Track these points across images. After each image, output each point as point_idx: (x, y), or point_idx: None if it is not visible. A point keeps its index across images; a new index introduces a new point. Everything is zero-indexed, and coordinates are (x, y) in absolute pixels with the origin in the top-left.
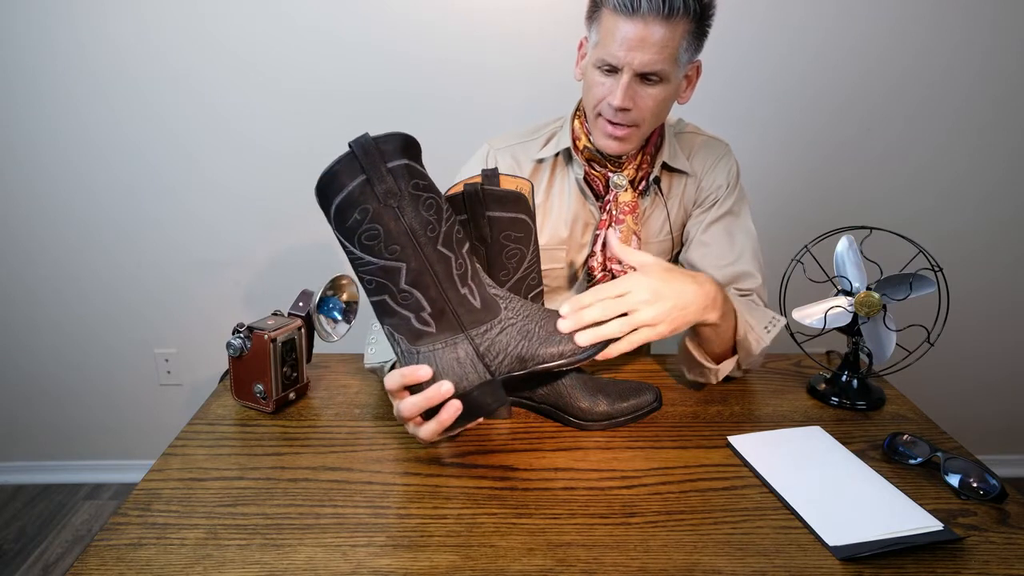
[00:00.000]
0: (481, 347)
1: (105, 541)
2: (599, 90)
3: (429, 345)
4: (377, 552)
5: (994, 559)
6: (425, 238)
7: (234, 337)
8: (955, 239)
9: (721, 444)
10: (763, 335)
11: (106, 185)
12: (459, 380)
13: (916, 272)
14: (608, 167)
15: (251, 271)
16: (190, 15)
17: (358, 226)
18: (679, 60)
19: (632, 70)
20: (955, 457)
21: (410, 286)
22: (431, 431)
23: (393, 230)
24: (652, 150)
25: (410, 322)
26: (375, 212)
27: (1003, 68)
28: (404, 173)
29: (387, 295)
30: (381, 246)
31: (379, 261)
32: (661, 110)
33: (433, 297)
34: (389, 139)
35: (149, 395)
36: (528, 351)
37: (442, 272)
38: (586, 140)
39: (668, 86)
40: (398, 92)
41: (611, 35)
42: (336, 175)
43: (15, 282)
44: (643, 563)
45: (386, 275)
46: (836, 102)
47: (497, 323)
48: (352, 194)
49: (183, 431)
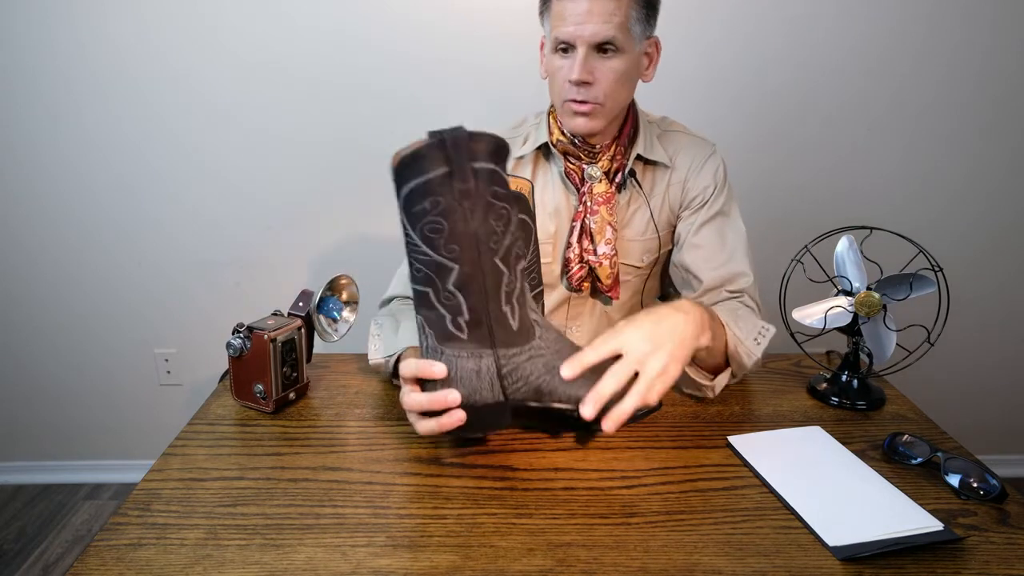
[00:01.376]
0: (504, 368)
1: (105, 541)
2: (560, 73)
3: (455, 350)
4: (377, 552)
5: (994, 559)
6: (487, 248)
7: (234, 337)
8: (955, 239)
9: (721, 444)
10: (753, 348)
11: (106, 185)
12: (471, 392)
13: (916, 272)
14: (583, 159)
15: (251, 271)
16: (190, 14)
17: (424, 215)
18: (631, 31)
19: (585, 42)
20: (955, 457)
21: (456, 288)
22: (428, 428)
23: (459, 230)
24: (625, 141)
25: (445, 322)
26: (446, 207)
27: (1004, 68)
28: (487, 177)
29: (432, 289)
30: (441, 241)
31: (435, 255)
32: (622, 84)
33: (474, 306)
34: (483, 139)
35: (149, 395)
36: (548, 386)
37: (491, 285)
38: (559, 134)
39: (625, 58)
40: (399, 92)
41: (561, 16)
42: (419, 159)
43: (15, 282)
44: (643, 563)
45: (437, 270)
46: (836, 102)
47: (527, 349)
48: (430, 183)
49: (183, 431)
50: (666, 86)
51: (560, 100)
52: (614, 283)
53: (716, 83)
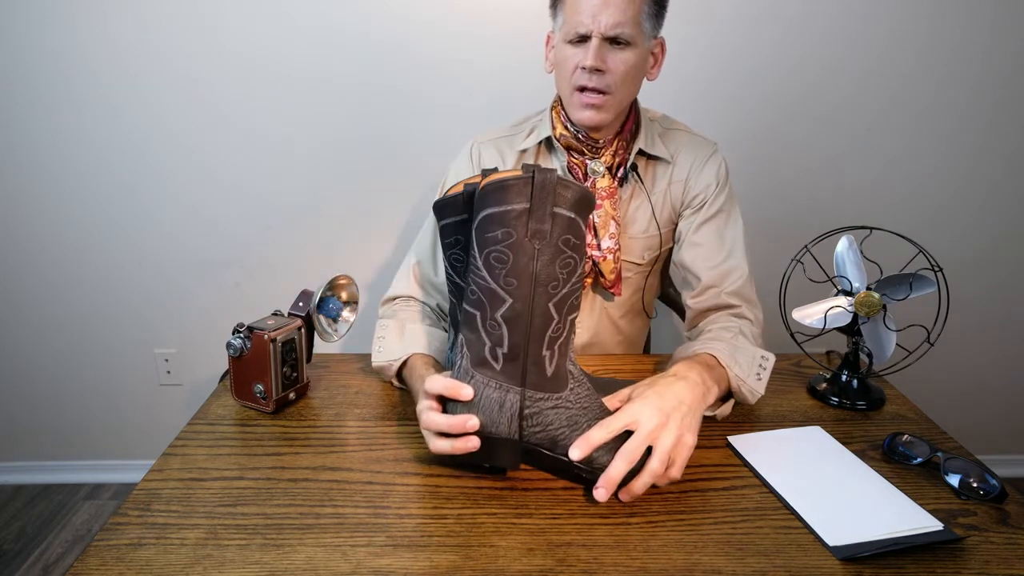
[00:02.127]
0: (527, 409)
1: (105, 541)
2: (572, 61)
3: (486, 377)
4: (377, 552)
5: (994, 559)
6: (544, 291)
7: (234, 337)
8: (955, 239)
9: (721, 444)
10: (755, 385)
11: (106, 185)
12: (489, 423)
13: (916, 272)
14: (586, 154)
15: (251, 271)
16: (190, 14)
17: (494, 243)
18: (643, 27)
19: (600, 33)
20: (955, 457)
21: (503, 320)
22: (441, 449)
23: (521, 267)
24: (628, 136)
25: (483, 348)
26: (516, 242)
27: (1005, 68)
28: (564, 224)
29: (480, 313)
30: (502, 272)
31: (492, 284)
32: (631, 77)
33: (516, 343)
34: (570, 187)
35: (149, 395)
36: (565, 440)
37: (538, 327)
38: (562, 128)
39: (636, 52)
40: (400, 92)
41: (576, 8)
42: (505, 189)
43: (15, 282)
44: (643, 563)
45: (490, 297)
46: (836, 102)
47: (555, 398)
48: (508, 214)
49: (183, 431)
50: (667, 85)
51: (569, 90)
52: (617, 278)
53: (716, 83)
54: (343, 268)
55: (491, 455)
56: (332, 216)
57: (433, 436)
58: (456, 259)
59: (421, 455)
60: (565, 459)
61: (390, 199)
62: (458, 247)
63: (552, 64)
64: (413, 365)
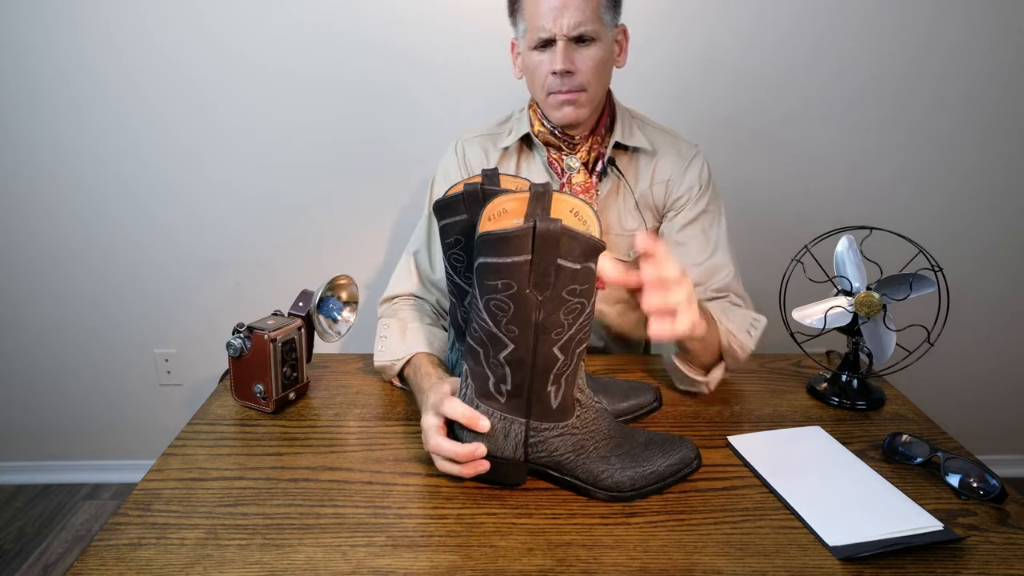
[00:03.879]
0: (532, 439)
1: (105, 541)
2: (542, 68)
3: (489, 409)
4: (377, 552)
5: (994, 559)
6: (547, 337)
7: (234, 337)
8: (955, 239)
9: (721, 444)
10: (746, 340)
11: (106, 185)
12: (495, 449)
13: (916, 272)
14: (563, 150)
15: (251, 271)
16: (190, 13)
17: (494, 292)
18: (603, 20)
19: (564, 35)
20: (955, 457)
21: (506, 362)
22: (448, 470)
23: (522, 316)
24: (603, 131)
25: (488, 382)
26: (517, 293)
27: (1005, 68)
28: (569, 276)
29: (484, 351)
30: (504, 320)
31: (494, 328)
32: (602, 71)
33: (518, 383)
34: (577, 239)
35: (149, 395)
36: (570, 464)
37: (541, 368)
38: (539, 125)
39: (601, 46)
40: (400, 92)
41: (536, 13)
42: (506, 240)
43: (15, 282)
44: (643, 563)
45: (492, 340)
46: (836, 102)
47: (560, 426)
48: (508, 267)
49: (183, 431)
50: (668, 85)
51: (543, 94)
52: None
53: (716, 82)
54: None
55: (498, 475)
56: (332, 216)
57: (439, 460)
58: (456, 259)
59: (421, 455)
60: (571, 480)
61: (390, 199)
62: (459, 247)
63: (521, 70)
64: (417, 364)
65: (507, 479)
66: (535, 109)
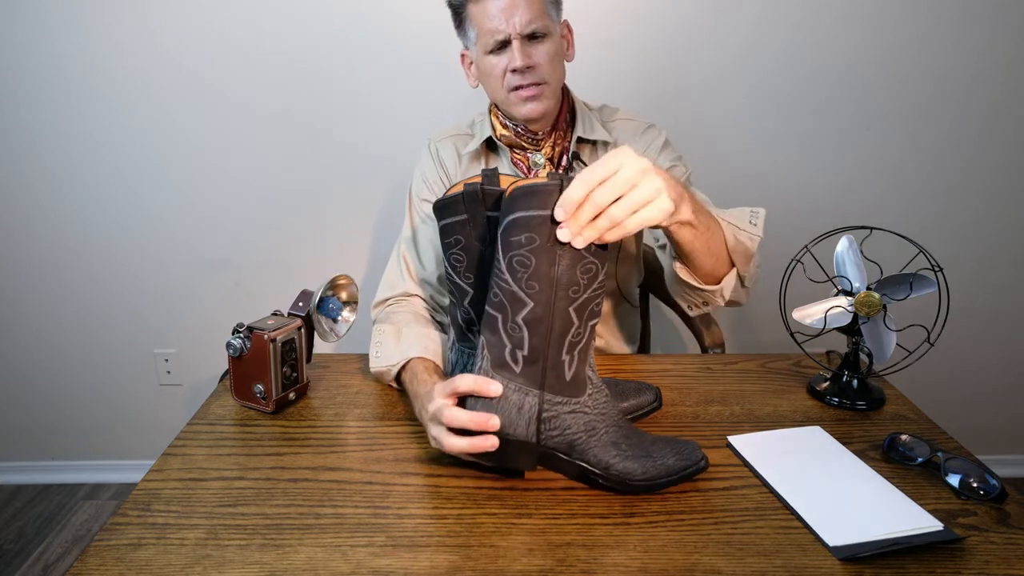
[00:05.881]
0: (545, 413)
1: (105, 541)
2: (498, 68)
3: (504, 380)
4: (377, 552)
5: (994, 559)
6: (564, 295)
7: (234, 337)
8: (956, 239)
9: (721, 444)
10: (752, 230)
11: (106, 184)
12: (507, 424)
13: (916, 272)
14: (527, 148)
15: (251, 271)
16: (191, 9)
17: (518, 247)
18: (551, 16)
19: (518, 33)
20: (955, 457)
21: (524, 323)
22: (457, 447)
23: (543, 271)
24: (564, 126)
25: (504, 350)
26: (539, 247)
27: (1004, 68)
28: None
29: (502, 316)
30: (524, 276)
31: (514, 287)
32: (557, 65)
33: (535, 346)
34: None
35: (149, 395)
36: (582, 445)
37: (558, 331)
38: (501, 128)
39: (552, 40)
40: (401, 93)
41: (487, 17)
42: (534, 194)
43: (15, 282)
44: (643, 563)
45: (512, 300)
46: (836, 102)
47: (573, 402)
48: (533, 219)
49: (183, 431)
50: (669, 85)
51: (504, 94)
52: None
53: (715, 83)
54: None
55: (508, 457)
56: (332, 216)
57: (448, 435)
58: (456, 259)
59: (421, 455)
60: (581, 463)
61: (391, 199)
62: (458, 247)
63: (476, 79)
64: (414, 369)
65: (517, 463)
66: (496, 114)
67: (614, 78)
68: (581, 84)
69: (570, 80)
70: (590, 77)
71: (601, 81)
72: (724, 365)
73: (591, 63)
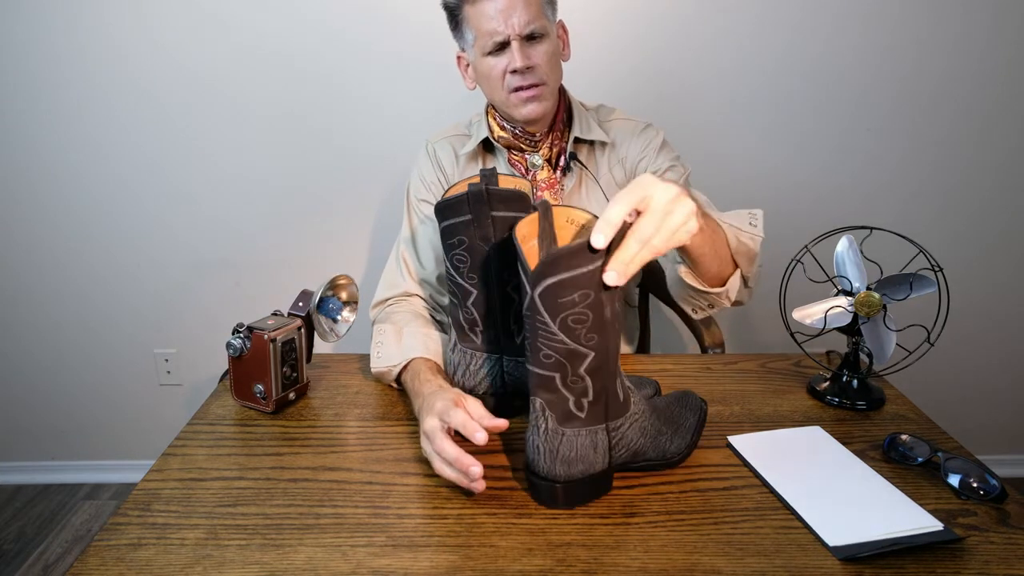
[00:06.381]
0: (613, 439)
1: (105, 541)
2: (498, 69)
3: (574, 429)
4: (377, 552)
5: (994, 559)
6: (614, 330)
7: (234, 337)
8: (956, 239)
9: (721, 444)
10: (753, 231)
11: (106, 184)
12: (588, 467)
13: (916, 272)
14: (525, 149)
15: (251, 271)
16: (191, 10)
17: (571, 306)
18: (547, 17)
19: (517, 34)
20: (955, 457)
21: (587, 374)
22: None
23: (599, 321)
24: (561, 127)
25: (567, 404)
26: (595, 301)
27: (1004, 68)
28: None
29: (560, 374)
30: (583, 332)
31: (572, 345)
32: (555, 65)
33: (599, 388)
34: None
35: (149, 395)
36: (642, 448)
37: (613, 361)
38: (499, 130)
39: (550, 40)
40: (401, 94)
41: (484, 19)
42: (573, 253)
43: (15, 282)
44: (643, 563)
45: (570, 357)
46: (836, 102)
47: (628, 417)
48: (581, 277)
49: (183, 431)
50: (669, 85)
51: (504, 96)
52: None
53: (715, 83)
54: (343, 268)
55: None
56: (332, 216)
57: (438, 459)
58: (459, 260)
59: (421, 455)
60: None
61: (390, 199)
62: (462, 248)
63: (474, 80)
64: (416, 369)
65: (596, 494)
66: (493, 115)
67: (614, 78)
68: (581, 84)
69: (569, 80)
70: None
71: (601, 81)
72: (724, 365)
73: (591, 63)
